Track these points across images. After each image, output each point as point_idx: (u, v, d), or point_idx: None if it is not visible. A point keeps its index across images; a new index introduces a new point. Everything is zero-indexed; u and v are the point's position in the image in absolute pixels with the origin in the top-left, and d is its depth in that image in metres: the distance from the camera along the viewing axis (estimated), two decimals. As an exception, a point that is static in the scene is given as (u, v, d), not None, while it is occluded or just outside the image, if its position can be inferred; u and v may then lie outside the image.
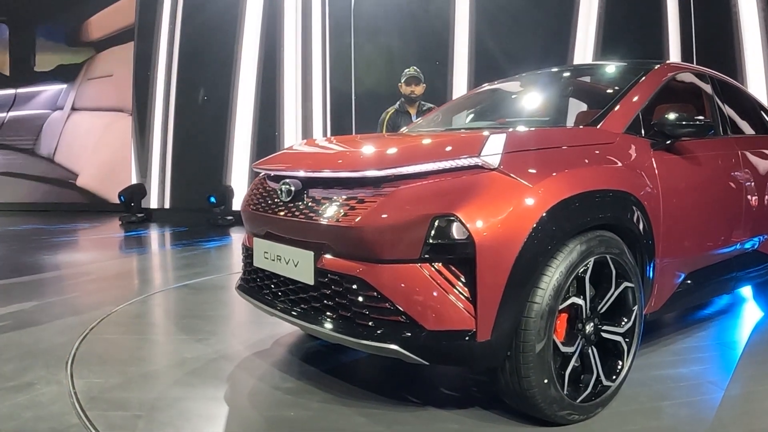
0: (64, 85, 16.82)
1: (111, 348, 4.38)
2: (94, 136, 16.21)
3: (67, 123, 16.67)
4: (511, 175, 2.90)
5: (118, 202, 13.88)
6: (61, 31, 16.88)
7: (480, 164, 2.91)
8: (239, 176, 13.49)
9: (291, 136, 13.15)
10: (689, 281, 4.01)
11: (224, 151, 13.62)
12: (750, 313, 5.45)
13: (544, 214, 2.86)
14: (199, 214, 13.00)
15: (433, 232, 2.77)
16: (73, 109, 16.67)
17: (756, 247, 4.74)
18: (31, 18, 16.99)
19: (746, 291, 5.56)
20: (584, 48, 10.94)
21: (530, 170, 2.97)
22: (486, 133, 3.07)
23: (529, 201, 2.86)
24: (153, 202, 14.42)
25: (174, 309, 5.45)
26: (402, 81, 6.89)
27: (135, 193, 13.84)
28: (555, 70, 5.11)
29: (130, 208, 13.62)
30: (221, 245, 9.96)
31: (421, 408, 3.32)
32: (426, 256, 2.80)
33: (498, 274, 2.77)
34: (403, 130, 5.04)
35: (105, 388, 3.56)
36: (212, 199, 12.69)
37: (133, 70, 15.00)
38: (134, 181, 14.66)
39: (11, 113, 17.27)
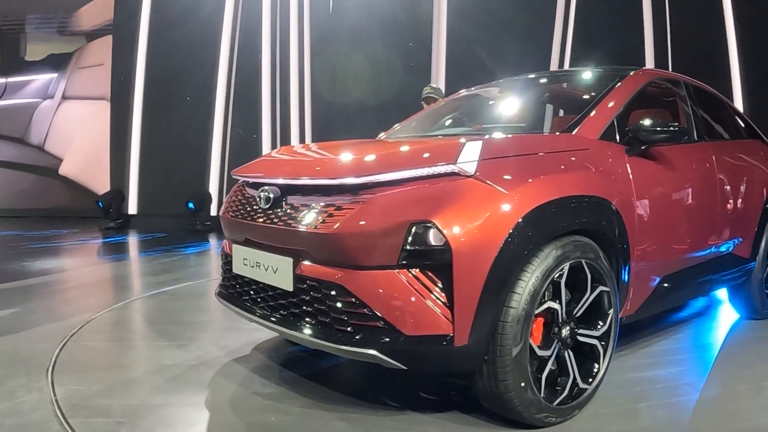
0: (55, 74, 16.73)
1: (91, 355, 4.38)
2: (83, 124, 16.16)
3: (57, 112, 16.58)
4: (487, 181, 2.93)
5: (105, 190, 13.89)
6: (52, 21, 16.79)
7: (456, 171, 2.94)
8: (215, 182, 13.50)
9: (267, 141, 13.19)
10: (664, 284, 4.07)
11: (204, 156, 13.62)
12: (726, 315, 5.53)
13: (520, 220, 2.90)
14: (177, 219, 12.97)
15: (410, 238, 2.81)
16: (64, 97, 16.59)
17: (731, 250, 4.81)
18: (22, 6, 16.87)
19: (722, 293, 5.62)
20: (561, 51, 11.04)
21: (506, 177, 3.01)
22: (462, 140, 3.10)
23: (505, 207, 2.90)
24: (132, 208, 14.34)
25: (153, 315, 5.44)
26: (422, 101, 7.01)
27: (113, 199, 13.77)
28: (532, 76, 5.16)
29: (109, 213, 13.55)
30: (200, 251, 9.95)
31: (401, 412, 3.35)
32: (403, 262, 2.83)
33: (475, 280, 2.80)
34: (381, 135, 5.08)
35: (86, 396, 3.56)
36: (190, 205, 12.67)
37: (111, 75, 14.93)
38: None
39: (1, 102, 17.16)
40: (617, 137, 3.82)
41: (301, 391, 3.62)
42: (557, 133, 3.78)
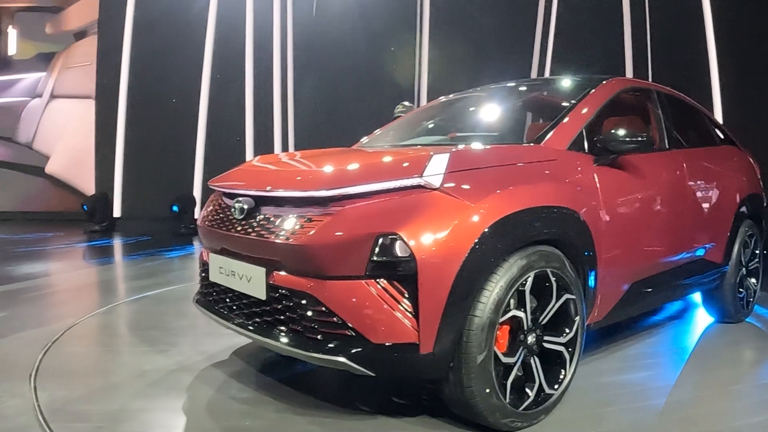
0: (43, 73, 16.72)
1: (74, 360, 4.44)
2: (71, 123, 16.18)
3: (45, 110, 16.59)
4: (453, 194, 3.01)
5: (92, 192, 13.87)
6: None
7: (422, 184, 3.02)
8: (199, 185, 13.59)
9: (251, 146, 13.29)
10: (634, 291, 4.14)
11: (188, 160, 13.66)
12: (700, 319, 5.61)
13: (484, 232, 2.98)
14: (162, 223, 13.01)
15: (377, 249, 2.89)
16: (53, 96, 16.59)
17: (703, 255, 4.90)
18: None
19: (697, 297, 5.70)
20: (541, 58, 11.13)
21: (471, 189, 3.09)
22: (430, 153, 3.17)
23: (469, 219, 2.98)
24: (117, 211, 14.35)
25: (136, 320, 5.50)
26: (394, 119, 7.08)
27: (98, 202, 13.78)
28: (508, 84, 5.24)
29: (94, 217, 13.57)
30: (184, 255, 9.97)
31: (372, 416, 3.43)
32: (371, 272, 2.91)
33: (439, 290, 2.89)
34: (363, 140, 5.15)
35: (68, 401, 3.63)
36: (175, 209, 12.70)
37: (96, 77, 14.95)
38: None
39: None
40: (586, 147, 3.90)
41: (277, 396, 3.69)
42: (525, 144, 3.84)
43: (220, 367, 4.20)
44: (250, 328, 3.39)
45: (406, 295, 2.91)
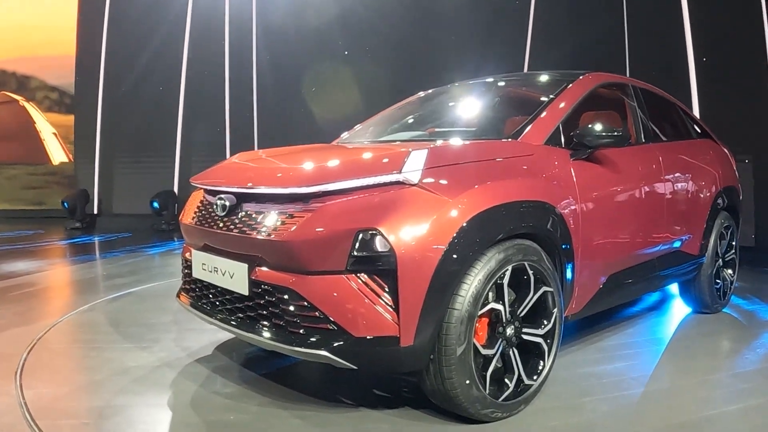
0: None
1: (58, 358, 4.47)
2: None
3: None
4: (431, 190, 3.07)
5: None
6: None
7: (401, 180, 3.07)
8: (180, 181, 13.60)
9: (229, 141, 13.30)
10: (611, 283, 4.21)
11: (169, 155, 13.65)
12: (677, 310, 5.70)
13: (462, 227, 3.04)
14: (143, 219, 12.99)
15: (357, 245, 2.94)
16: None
17: (679, 247, 4.97)
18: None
19: (675, 288, 5.79)
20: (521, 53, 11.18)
21: (449, 184, 3.15)
22: (408, 149, 3.22)
23: (447, 214, 3.03)
24: (97, 208, 14.29)
25: (119, 317, 5.51)
26: None
27: (78, 199, 13.72)
28: (485, 79, 5.29)
29: (74, 214, 13.52)
30: (165, 251, 9.98)
31: (354, 409, 3.48)
32: (351, 267, 2.96)
33: (419, 284, 2.94)
34: (344, 135, 5.19)
35: (54, 398, 3.66)
36: (155, 204, 12.66)
37: (75, 74, 14.86)
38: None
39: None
40: (562, 142, 3.96)
41: (260, 390, 3.74)
42: (503, 140, 3.89)
43: (203, 363, 4.23)
44: (233, 323, 3.43)
45: (387, 289, 2.96)
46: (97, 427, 3.28)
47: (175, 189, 13.56)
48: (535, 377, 3.45)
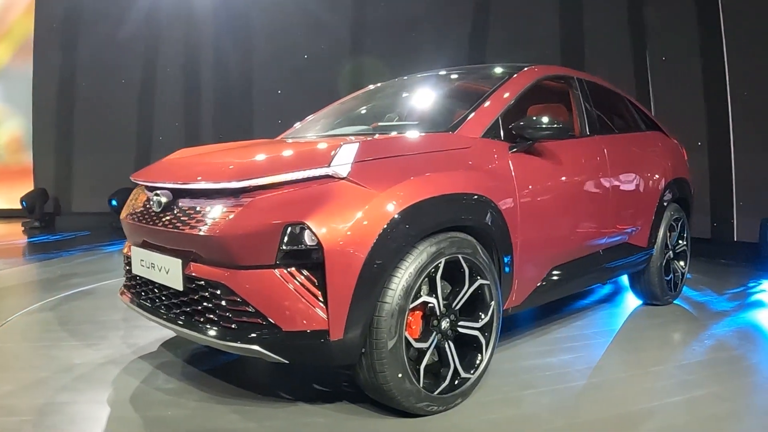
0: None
1: (5, 357, 4.43)
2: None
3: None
4: (360, 183, 3.07)
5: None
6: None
7: (330, 174, 3.07)
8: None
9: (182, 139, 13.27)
10: (554, 275, 4.24)
11: (127, 153, 13.51)
12: (628, 302, 5.77)
13: (391, 220, 3.04)
14: (101, 217, 12.86)
15: (286, 239, 2.94)
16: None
17: (626, 239, 5.02)
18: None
19: (626, 280, 5.84)
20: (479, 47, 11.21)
21: (379, 178, 3.15)
22: (340, 143, 3.23)
23: (376, 208, 3.04)
24: (55, 207, 14.11)
25: (69, 315, 5.46)
26: None
27: (37, 198, 13.55)
28: (432, 73, 5.30)
29: (33, 213, 13.38)
30: (122, 249, 9.86)
31: (292, 404, 3.49)
32: (281, 261, 2.97)
33: (347, 277, 2.95)
34: (296, 125, 5.19)
35: (-3, 396, 3.65)
36: (113, 203, 12.56)
37: (33, 68, 14.61)
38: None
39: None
40: (501, 134, 3.97)
41: (201, 385, 3.74)
42: (438, 133, 3.90)
43: (148, 359, 4.22)
44: (170, 318, 3.43)
45: (315, 283, 2.96)
46: (36, 424, 3.26)
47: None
48: (472, 371, 3.46)
